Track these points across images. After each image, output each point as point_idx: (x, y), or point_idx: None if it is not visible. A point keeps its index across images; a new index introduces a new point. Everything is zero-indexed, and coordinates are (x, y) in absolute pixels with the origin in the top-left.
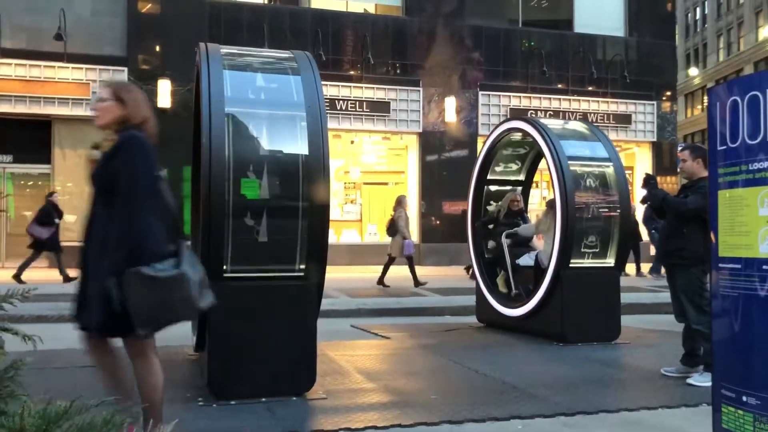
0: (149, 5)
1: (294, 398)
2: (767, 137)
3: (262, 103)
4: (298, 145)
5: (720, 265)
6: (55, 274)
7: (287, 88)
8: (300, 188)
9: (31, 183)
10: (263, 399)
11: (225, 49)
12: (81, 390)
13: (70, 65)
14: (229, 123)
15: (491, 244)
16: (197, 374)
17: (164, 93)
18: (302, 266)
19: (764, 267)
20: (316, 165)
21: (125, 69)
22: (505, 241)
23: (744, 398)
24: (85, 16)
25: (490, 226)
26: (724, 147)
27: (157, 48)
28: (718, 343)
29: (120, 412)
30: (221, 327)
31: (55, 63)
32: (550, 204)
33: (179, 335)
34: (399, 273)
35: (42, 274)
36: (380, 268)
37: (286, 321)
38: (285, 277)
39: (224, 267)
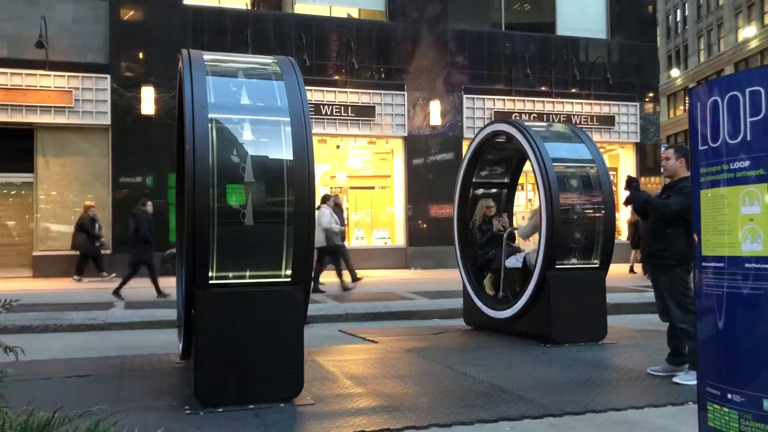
0: (132, 12)
1: (282, 404)
2: (747, 137)
3: (246, 108)
4: (282, 151)
5: (703, 264)
6: (46, 284)
7: (271, 93)
8: (285, 193)
9: (14, 192)
10: (251, 406)
11: (208, 55)
12: (64, 401)
13: (53, 73)
14: (212, 129)
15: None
16: (184, 382)
17: (148, 100)
18: (288, 272)
19: (747, 265)
20: (300, 170)
21: (108, 76)
22: (506, 242)
23: (729, 396)
24: (67, 23)
25: (479, 235)
26: (706, 147)
27: (141, 55)
28: (702, 342)
29: (103, 421)
30: (208, 334)
31: (37, 71)
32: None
33: (165, 343)
34: (387, 276)
35: (29, 285)
36: (368, 272)
37: (273, 327)
38: (271, 282)
39: (210, 274)
